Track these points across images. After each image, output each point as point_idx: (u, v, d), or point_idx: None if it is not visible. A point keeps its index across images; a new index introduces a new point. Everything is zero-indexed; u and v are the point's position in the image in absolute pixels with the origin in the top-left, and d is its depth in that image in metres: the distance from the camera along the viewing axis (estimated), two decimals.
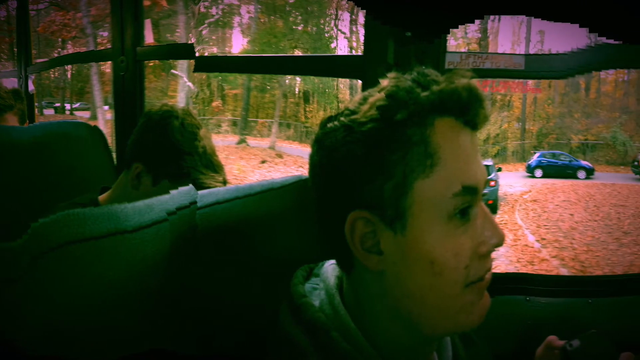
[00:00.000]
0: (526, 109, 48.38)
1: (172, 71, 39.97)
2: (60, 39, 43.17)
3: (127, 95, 3.89)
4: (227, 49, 47.55)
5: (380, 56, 2.44)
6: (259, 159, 35.98)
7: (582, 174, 37.52)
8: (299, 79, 46.28)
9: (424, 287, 1.23)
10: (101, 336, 1.09)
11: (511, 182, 34.32)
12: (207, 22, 42.90)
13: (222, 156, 2.68)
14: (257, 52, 40.73)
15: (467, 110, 1.25)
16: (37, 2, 39.03)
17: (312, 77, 42.62)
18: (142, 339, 1.21)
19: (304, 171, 1.60)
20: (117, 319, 1.12)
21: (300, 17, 45.18)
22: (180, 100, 37.66)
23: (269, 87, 46.52)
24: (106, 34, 36.79)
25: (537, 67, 2.83)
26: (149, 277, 1.17)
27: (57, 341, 1.01)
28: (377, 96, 1.25)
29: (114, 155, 3.67)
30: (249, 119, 44.65)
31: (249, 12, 46.25)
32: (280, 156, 37.77)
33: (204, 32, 43.28)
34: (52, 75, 50.78)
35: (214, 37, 46.98)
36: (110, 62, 4.06)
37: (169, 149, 2.51)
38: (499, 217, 25.23)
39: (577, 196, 31.34)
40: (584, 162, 39.44)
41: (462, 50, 45.35)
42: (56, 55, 43.19)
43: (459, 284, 1.24)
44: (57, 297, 0.99)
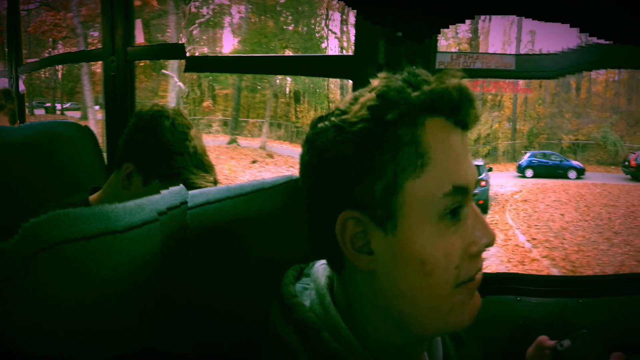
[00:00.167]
0: (517, 109, 48.38)
1: (163, 71, 39.93)
2: (50, 39, 43.08)
3: (118, 95, 3.88)
4: (217, 49, 47.50)
5: (371, 56, 2.44)
6: (250, 159, 35.95)
7: (572, 174, 37.54)
8: (289, 79, 46.22)
9: (414, 287, 1.23)
10: (92, 336, 1.09)
11: (502, 182, 34.33)
12: (197, 22, 42.85)
13: (212, 156, 2.68)
14: (248, 52, 40.68)
15: (458, 110, 1.25)
16: (27, 2, 38.91)
17: (302, 77, 42.61)
18: (133, 339, 1.20)
19: (294, 171, 1.60)
20: (108, 319, 1.12)
21: (290, 17, 45.14)
22: (170, 100, 37.63)
23: (259, 87, 46.48)
24: (97, 34, 36.84)
25: (527, 67, 2.83)
26: (139, 277, 1.17)
27: (48, 341, 1.01)
28: (367, 96, 1.25)
29: (105, 155, 3.67)
30: (239, 119, 44.60)
31: (239, 12, 46.20)
32: (271, 156, 37.74)
33: (195, 32, 43.25)
34: (43, 75, 50.65)
35: (205, 37, 46.92)
36: (100, 62, 4.06)
37: (160, 149, 2.51)
38: (489, 217, 25.26)
39: (568, 196, 31.38)
40: (574, 162, 39.47)
41: (453, 50, 45.35)
42: (47, 55, 43.12)
43: (450, 284, 1.24)
44: (48, 297, 0.99)
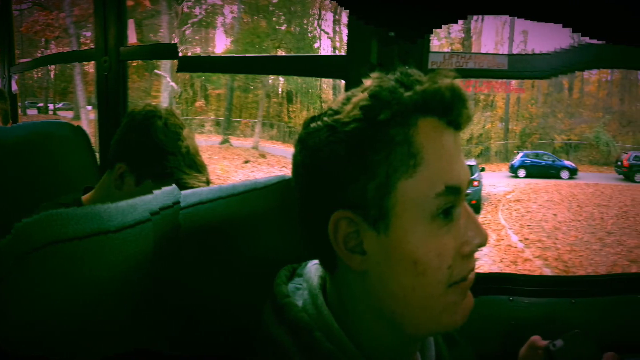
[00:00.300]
0: (509, 109, 48.49)
1: (156, 71, 39.91)
2: (43, 39, 43.07)
3: (111, 95, 3.88)
4: (210, 49, 47.56)
5: (363, 56, 2.44)
6: (242, 159, 35.95)
7: (565, 174, 37.65)
8: (282, 79, 46.30)
9: (407, 287, 1.23)
10: (85, 336, 1.09)
11: (494, 182, 34.38)
12: (190, 22, 42.87)
13: (205, 156, 2.68)
14: (240, 52, 40.71)
15: (450, 110, 1.25)
16: (20, 2, 38.88)
17: (295, 77, 42.67)
18: (126, 339, 1.20)
19: (287, 171, 1.60)
20: (101, 319, 1.11)
21: (283, 17, 45.22)
22: (163, 100, 37.61)
23: (252, 87, 46.52)
24: (89, 34, 36.79)
25: (520, 67, 2.84)
26: (132, 277, 1.16)
27: (41, 341, 1.01)
28: (360, 96, 1.25)
29: (97, 155, 3.67)
30: (232, 119, 44.64)
31: (232, 12, 46.28)
32: (263, 156, 37.75)
33: (187, 32, 43.28)
34: (36, 75, 50.72)
35: (197, 37, 46.97)
36: (93, 62, 4.06)
37: (152, 149, 2.50)
38: (482, 217, 25.27)
39: (561, 196, 31.44)
40: (567, 162, 39.58)
41: (445, 50, 45.47)
42: (39, 55, 43.10)
43: (442, 284, 1.24)
44: (40, 297, 0.98)
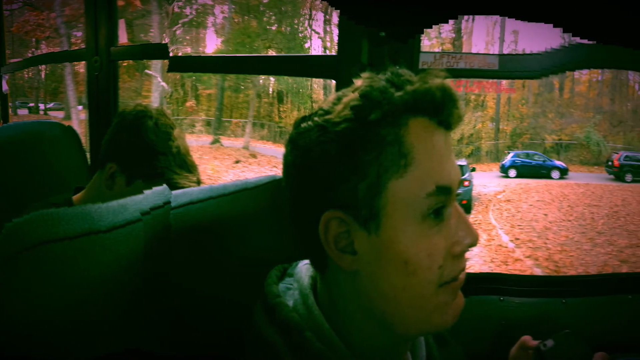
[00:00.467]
0: (500, 109, 48.49)
1: (146, 71, 39.89)
2: (34, 39, 42.99)
3: (101, 95, 3.87)
4: (201, 49, 47.49)
5: (354, 56, 2.44)
6: (233, 159, 35.91)
7: (556, 174, 37.67)
8: (272, 79, 46.27)
9: (397, 287, 1.23)
10: (75, 336, 1.08)
11: (485, 182, 34.39)
12: (181, 22, 42.83)
13: (196, 156, 2.68)
14: (231, 52, 40.62)
15: (441, 110, 1.25)
16: (11, 2, 38.76)
17: (286, 77, 42.63)
18: (116, 339, 1.20)
19: (277, 171, 1.60)
20: (91, 319, 1.11)
21: (274, 17, 45.17)
22: (154, 100, 37.57)
23: (242, 87, 46.48)
24: (80, 34, 36.77)
25: (511, 67, 2.84)
26: (123, 277, 1.16)
27: (31, 341, 1.01)
28: (351, 96, 1.25)
29: (88, 155, 3.66)
30: (222, 119, 44.59)
31: (222, 12, 46.19)
32: (254, 156, 37.72)
33: (178, 32, 43.25)
34: (26, 75, 50.58)
35: (188, 37, 46.92)
36: (84, 62, 4.05)
37: (143, 149, 2.50)
38: (472, 217, 25.29)
39: (551, 196, 31.48)
40: (557, 162, 39.60)
41: (436, 50, 45.47)
42: (30, 55, 43.02)
43: (433, 284, 1.24)
44: (31, 297, 0.98)
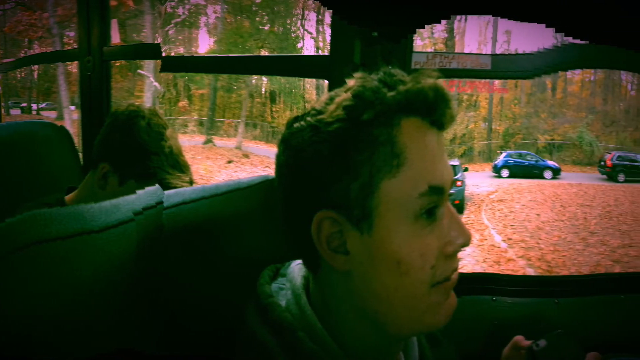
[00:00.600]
0: (493, 109, 48.62)
1: (139, 71, 39.87)
2: (26, 39, 42.96)
3: (94, 95, 3.87)
4: (193, 49, 47.57)
5: (346, 56, 2.44)
6: (226, 159, 35.91)
7: (548, 174, 37.78)
8: (265, 79, 46.33)
9: (390, 287, 1.23)
10: (67, 337, 1.08)
11: (478, 182, 34.44)
12: (173, 22, 42.86)
13: (188, 156, 2.68)
14: (224, 52, 40.64)
15: (434, 110, 1.25)
16: (3, 2, 38.77)
17: (278, 77, 42.68)
18: (109, 339, 1.20)
19: (270, 171, 1.60)
20: (83, 320, 1.11)
21: (266, 17, 45.23)
22: (146, 100, 37.56)
23: (235, 87, 46.52)
24: (73, 34, 36.71)
25: (503, 67, 2.85)
26: (115, 276, 1.16)
27: (23, 341, 1.01)
28: (343, 96, 1.25)
29: (81, 155, 3.66)
30: (215, 119, 44.64)
31: (215, 12, 46.29)
32: (246, 156, 37.74)
33: (171, 32, 43.26)
34: (19, 75, 50.60)
35: (181, 37, 46.99)
36: (76, 62, 4.05)
37: (136, 149, 2.51)
38: (465, 217, 25.31)
39: (544, 196, 31.53)
40: (550, 162, 39.73)
41: (429, 50, 45.55)
42: (23, 55, 43.02)
43: (425, 284, 1.24)
44: (23, 298, 0.98)
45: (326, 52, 2.59)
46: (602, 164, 38.59)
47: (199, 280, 1.45)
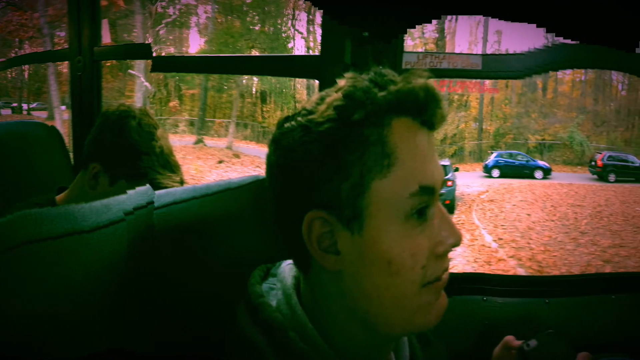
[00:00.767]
0: (483, 109, 48.60)
1: (129, 71, 39.80)
2: (17, 39, 42.84)
3: (85, 95, 3.87)
4: (184, 49, 47.44)
5: (337, 56, 2.44)
6: (216, 159, 35.84)
7: (539, 174, 37.75)
8: (256, 79, 46.24)
9: (380, 287, 1.24)
10: (58, 336, 1.08)
11: (468, 182, 34.42)
12: (164, 22, 42.73)
13: (179, 156, 2.68)
14: (215, 52, 40.58)
15: (424, 110, 1.25)
16: None
17: (269, 77, 42.59)
18: (100, 339, 1.20)
19: (261, 171, 1.60)
20: (74, 319, 1.11)
21: (257, 17, 45.14)
22: (137, 100, 37.47)
23: (226, 87, 46.42)
24: (63, 34, 36.63)
25: (494, 67, 2.85)
26: (106, 276, 1.16)
27: (14, 341, 1.00)
28: (334, 96, 1.25)
29: (71, 155, 3.65)
30: (206, 119, 44.55)
31: (206, 12, 46.13)
32: (237, 156, 37.66)
33: (161, 32, 43.14)
34: (9, 75, 50.44)
35: (171, 37, 46.85)
36: (67, 62, 4.04)
37: (126, 149, 2.50)
38: (456, 217, 25.30)
39: (535, 196, 31.53)
40: (541, 162, 39.69)
41: (419, 50, 45.49)
42: (13, 55, 42.89)
43: (416, 284, 1.24)
44: (13, 297, 0.98)
45: (317, 52, 2.59)
46: (593, 164, 38.61)
47: (190, 280, 1.45)
